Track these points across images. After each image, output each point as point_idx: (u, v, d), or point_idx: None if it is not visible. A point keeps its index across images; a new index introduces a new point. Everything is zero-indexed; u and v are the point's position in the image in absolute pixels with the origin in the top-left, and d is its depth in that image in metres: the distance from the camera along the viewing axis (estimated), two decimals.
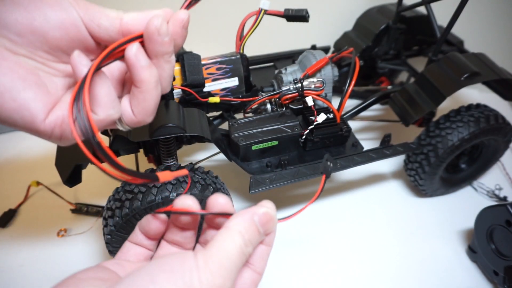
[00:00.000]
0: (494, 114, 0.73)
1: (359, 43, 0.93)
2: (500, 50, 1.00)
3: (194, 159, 0.90)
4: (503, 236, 0.64)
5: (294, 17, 0.72)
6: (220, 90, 0.69)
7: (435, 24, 0.77)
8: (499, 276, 0.65)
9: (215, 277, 0.26)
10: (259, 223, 0.30)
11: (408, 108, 0.74)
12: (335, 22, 1.10)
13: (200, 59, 0.66)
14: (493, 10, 1.08)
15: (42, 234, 0.74)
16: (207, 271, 0.26)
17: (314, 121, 0.67)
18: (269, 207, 0.31)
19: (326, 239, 0.76)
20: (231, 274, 0.27)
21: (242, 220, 0.29)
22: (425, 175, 0.76)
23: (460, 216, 0.81)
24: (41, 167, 0.85)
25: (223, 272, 0.26)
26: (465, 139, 0.71)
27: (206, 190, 0.58)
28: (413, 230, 0.78)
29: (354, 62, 0.72)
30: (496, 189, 0.86)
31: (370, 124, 1.01)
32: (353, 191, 0.86)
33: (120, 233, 0.57)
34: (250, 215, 0.30)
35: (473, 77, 0.69)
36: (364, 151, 0.72)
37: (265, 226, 0.30)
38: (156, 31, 0.30)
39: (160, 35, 0.30)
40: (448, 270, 0.71)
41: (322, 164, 0.37)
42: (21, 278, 0.66)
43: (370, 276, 0.70)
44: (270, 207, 0.31)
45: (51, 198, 0.79)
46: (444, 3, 0.73)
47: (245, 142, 0.64)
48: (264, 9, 0.69)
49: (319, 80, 0.68)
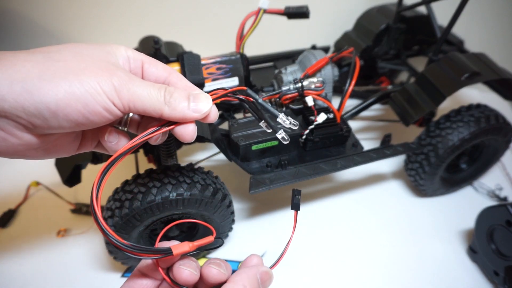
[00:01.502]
0: (494, 114, 0.73)
1: (359, 43, 0.93)
2: (501, 50, 1.00)
3: (194, 159, 0.90)
4: (503, 236, 0.64)
5: (295, 14, 0.72)
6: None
7: (435, 24, 0.77)
8: (499, 276, 0.65)
9: None
10: (260, 280, 0.34)
11: (408, 108, 0.74)
12: (335, 22, 1.10)
13: (200, 59, 0.66)
14: (493, 10, 1.08)
15: (41, 234, 0.73)
16: None
17: (314, 121, 0.67)
18: (269, 269, 0.36)
19: (326, 239, 0.76)
20: None
21: (246, 276, 0.33)
22: (425, 175, 0.76)
23: (460, 216, 0.80)
24: (41, 167, 0.85)
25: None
26: (466, 139, 0.71)
27: (206, 190, 0.58)
28: (413, 230, 0.78)
29: (355, 62, 0.72)
30: (496, 189, 0.86)
31: (370, 124, 1.01)
32: (353, 191, 0.86)
33: (120, 233, 0.57)
34: (254, 272, 0.34)
35: (473, 77, 0.69)
36: (364, 151, 0.72)
37: (264, 283, 0.34)
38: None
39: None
40: (449, 270, 0.71)
41: (293, 199, 0.39)
42: (20, 278, 0.66)
43: (370, 276, 0.70)
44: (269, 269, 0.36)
45: (51, 198, 0.79)
46: (444, 3, 0.73)
47: (245, 142, 0.64)
48: (263, 8, 0.69)
49: (319, 80, 0.68)
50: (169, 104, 0.34)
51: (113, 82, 0.31)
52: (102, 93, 0.31)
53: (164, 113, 0.34)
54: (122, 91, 0.32)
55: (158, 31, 0.85)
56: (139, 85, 0.33)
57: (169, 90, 0.34)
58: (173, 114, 0.34)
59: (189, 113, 0.34)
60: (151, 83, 0.34)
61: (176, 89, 0.35)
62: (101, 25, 1.18)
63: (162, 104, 0.33)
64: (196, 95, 0.35)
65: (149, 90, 0.33)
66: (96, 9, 1.14)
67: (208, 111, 0.35)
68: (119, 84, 0.32)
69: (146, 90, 0.33)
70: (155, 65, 0.38)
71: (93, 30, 1.20)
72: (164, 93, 0.34)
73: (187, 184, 0.57)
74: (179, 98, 0.34)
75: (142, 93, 0.33)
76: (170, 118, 0.34)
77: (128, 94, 0.32)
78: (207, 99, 0.35)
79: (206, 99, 0.35)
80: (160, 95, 0.33)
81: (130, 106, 0.33)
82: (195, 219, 0.65)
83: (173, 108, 0.34)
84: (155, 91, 0.33)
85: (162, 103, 0.33)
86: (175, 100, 0.34)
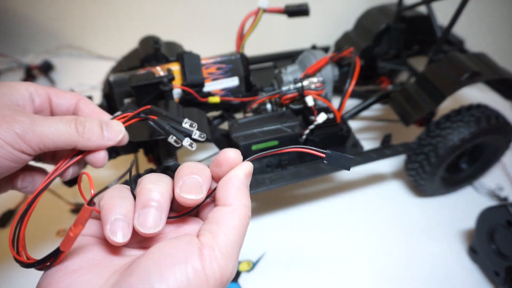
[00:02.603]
0: (494, 114, 0.73)
1: (359, 43, 0.92)
2: (501, 50, 0.99)
3: (194, 159, 0.90)
4: (504, 237, 0.63)
5: (295, 12, 0.72)
6: (220, 90, 0.69)
7: (436, 24, 0.77)
8: (500, 277, 0.65)
9: (221, 265, 0.27)
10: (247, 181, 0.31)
11: (409, 108, 0.74)
12: (335, 22, 1.10)
13: (200, 59, 0.66)
14: (493, 10, 1.07)
15: (41, 234, 0.73)
16: (214, 262, 0.27)
17: (314, 121, 0.67)
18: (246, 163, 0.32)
19: (326, 239, 0.76)
20: (237, 252, 0.29)
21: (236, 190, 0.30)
22: (425, 175, 0.76)
23: (460, 216, 0.80)
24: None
25: (229, 257, 0.28)
26: (466, 139, 0.71)
27: None
28: (414, 230, 0.78)
29: (355, 62, 0.72)
30: (497, 189, 0.86)
31: (370, 124, 1.01)
32: (353, 191, 0.86)
33: None
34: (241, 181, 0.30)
35: (473, 77, 0.69)
36: (364, 151, 0.72)
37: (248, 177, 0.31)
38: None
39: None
40: (449, 270, 0.71)
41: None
42: (20, 278, 0.66)
43: (370, 276, 0.70)
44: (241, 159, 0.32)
45: (51, 198, 0.79)
46: (444, 3, 0.73)
47: (245, 142, 0.64)
48: (262, 8, 0.69)
49: (319, 80, 0.68)
50: (83, 135, 0.33)
51: (14, 129, 0.30)
52: (5, 144, 0.30)
53: (78, 145, 0.33)
54: (28, 136, 0.31)
55: (158, 31, 0.85)
56: (45, 124, 0.32)
57: (80, 120, 0.33)
58: (88, 145, 0.33)
59: (103, 142, 0.34)
60: (58, 118, 0.33)
61: (87, 118, 0.34)
62: (101, 25, 1.18)
63: (75, 136, 0.33)
64: (107, 123, 0.35)
65: (57, 127, 0.32)
66: (95, 9, 1.14)
67: (121, 137, 0.35)
68: (22, 130, 0.30)
69: (53, 127, 0.32)
70: (63, 95, 0.37)
71: (93, 30, 1.20)
72: (76, 125, 0.33)
73: None
74: (92, 128, 0.34)
75: (49, 131, 0.32)
76: (84, 148, 0.34)
77: (35, 136, 0.31)
78: (119, 126, 0.35)
79: (118, 126, 0.35)
80: (71, 128, 0.33)
81: (41, 147, 0.32)
82: None
83: (87, 139, 0.33)
84: (63, 126, 0.32)
85: (75, 135, 0.33)
86: (89, 130, 0.33)
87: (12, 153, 0.30)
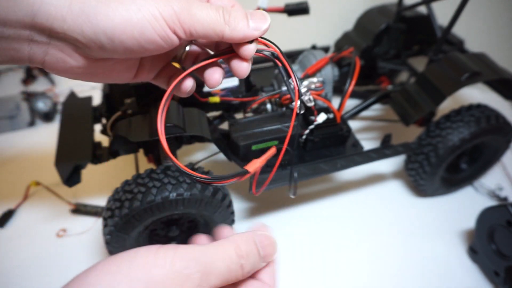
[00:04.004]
0: (494, 114, 0.73)
1: (359, 43, 0.92)
2: (501, 50, 0.99)
3: (194, 159, 0.90)
4: (504, 237, 0.63)
5: (295, 11, 0.72)
6: (220, 90, 0.69)
7: (436, 24, 0.77)
8: (500, 277, 0.65)
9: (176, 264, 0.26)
10: (259, 244, 0.31)
11: (409, 108, 0.74)
12: (335, 22, 1.10)
13: None
14: (493, 10, 1.07)
15: (41, 234, 0.73)
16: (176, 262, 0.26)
17: (314, 121, 0.67)
18: (270, 234, 0.32)
19: (326, 239, 0.76)
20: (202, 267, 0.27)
21: (240, 237, 0.30)
22: (425, 175, 0.76)
23: (460, 216, 0.80)
24: (41, 167, 0.85)
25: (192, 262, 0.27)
26: (466, 139, 0.71)
27: (206, 190, 0.58)
28: (414, 230, 0.78)
29: (355, 62, 0.72)
30: (496, 189, 0.86)
31: (370, 124, 1.01)
32: (353, 191, 0.86)
33: (120, 233, 0.57)
34: (250, 235, 0.31)
35: (473, 77, 0.69)
36: (364, 151, 0.72)
37: (265, 249, 0.31)
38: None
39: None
40: (449, 270, 0.71)
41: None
42: (20, 278, 0.66)
43: (370, 276, 0.70)
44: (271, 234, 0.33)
45: (51, 198, 0.79)
46: (444, 3, 0.73)
47: (245, 142, 0.64)
48: (262, 7, 0.69)
49: (319, 80, 0.68)
50: (229, 24, 0.32)
51: (173, 6, 0.30)
52: (161, 19, 0.29)
53: (225, 34, 0.32)
54: (182, 15, 0.30)
55: None
56: (198, 7, 0.31)
57: (227, 9, 0.32)
58: (234, 35, 0.32)
59: (249, 31, 0.33)
60: (208, 4, 0.32)
61: (232, 8, 0.33)
62: None
63: (223, 25, 0.32)
64: (252, 13, 0.34)
65: (208, 12, 0.31)
66: None
67: (267, 28, 0.34)
68: (179, 8, 0.30)
69: (205, 11, 0.31)
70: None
71: None
72: (223, 13, 0.32)
73: (187, 184, 0.57)
74: (238, 17, 0.32)
75: (202, 15, 0.31)
76: (231, 39, 0.33)
77: (189, 17, 0.30)
78: (263, 15, 0.34)
79: (262, 15, 0.34)
80: (219, 15, 0.32)
81: (192, 31, 0.31)
82: (196, 218, 0.65)
83: (233, 28, 0.32)
84: (213, 12, 0.32)
85: (222, 24, 0.32)
86: (235, 19, 0.32)
87: (165, 31, 0.30)
